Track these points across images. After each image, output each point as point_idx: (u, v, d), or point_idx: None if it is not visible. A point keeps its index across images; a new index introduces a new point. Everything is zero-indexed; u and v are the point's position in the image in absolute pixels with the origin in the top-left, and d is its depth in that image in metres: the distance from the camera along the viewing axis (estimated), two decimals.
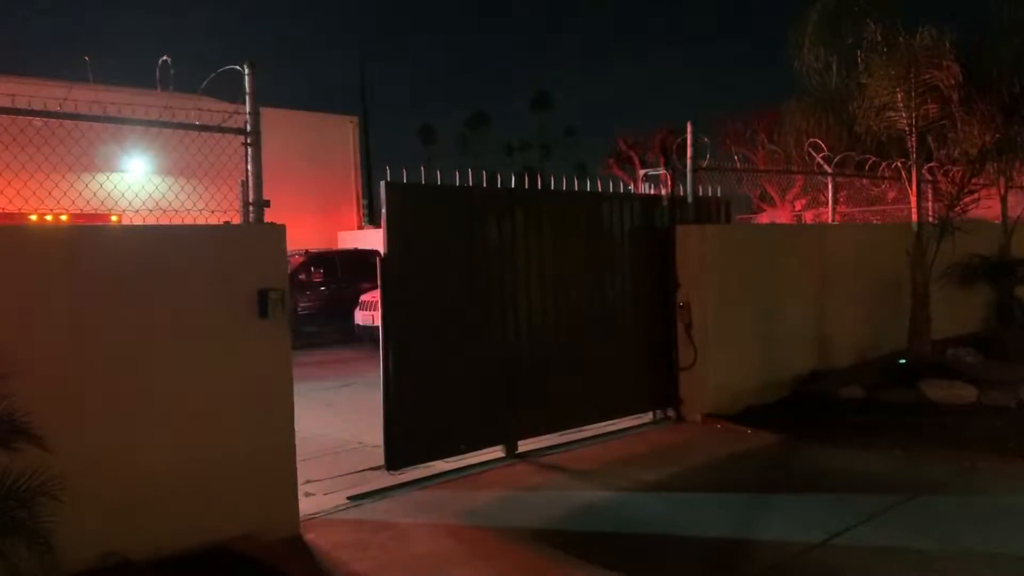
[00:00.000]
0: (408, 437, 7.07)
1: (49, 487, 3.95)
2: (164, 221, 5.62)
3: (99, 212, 5.86)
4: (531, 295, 8.04)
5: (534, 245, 8.07)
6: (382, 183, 6.94)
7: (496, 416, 7.71)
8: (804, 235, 11.14)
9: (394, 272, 7.02)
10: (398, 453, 7.04)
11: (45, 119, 5.05)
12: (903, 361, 10.23)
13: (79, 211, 5.53)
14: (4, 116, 4.82)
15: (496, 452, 7.76)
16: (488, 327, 7.71)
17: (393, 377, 6.99)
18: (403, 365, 7.05)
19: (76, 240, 5.20)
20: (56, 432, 4.17)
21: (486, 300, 7.69)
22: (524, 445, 7.94)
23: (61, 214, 10.83)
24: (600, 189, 8.93)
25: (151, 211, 5.79)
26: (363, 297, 17.32)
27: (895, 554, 5.27)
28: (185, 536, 5.22)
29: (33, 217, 10.58)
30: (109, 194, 5.89)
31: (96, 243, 5.24)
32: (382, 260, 7.00)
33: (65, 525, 4.04)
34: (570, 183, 8.50)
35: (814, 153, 11.21)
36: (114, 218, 12.11)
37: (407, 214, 7.11)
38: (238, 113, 5.77)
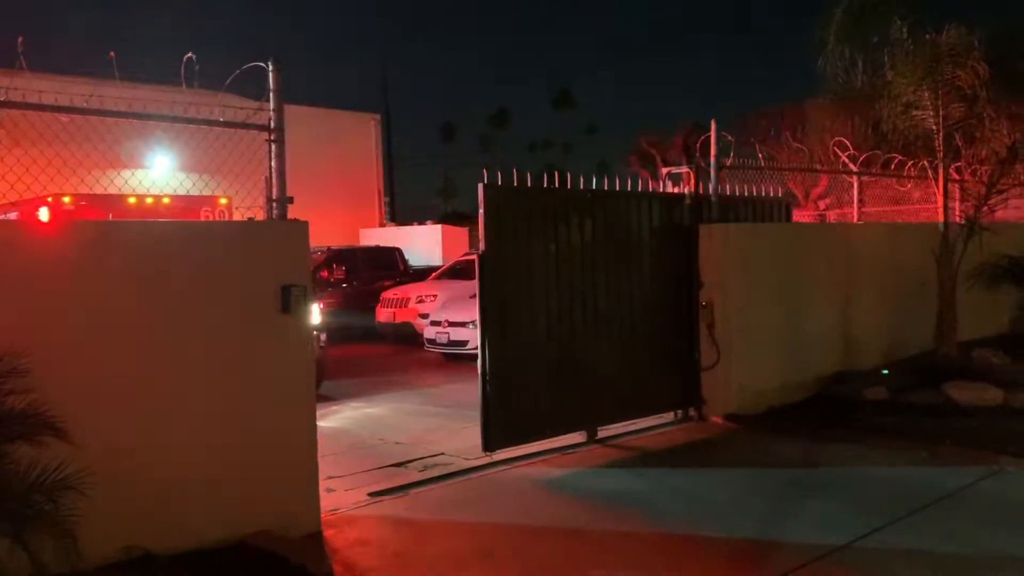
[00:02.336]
0: (502, 421, 7.49)
1: (74, 480, 3.98)
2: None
3: (208, 195, 5.88)
4: (606, 290, 8.44)
5: (603, 243, 8.43)
6: (479, 185, 7.38)
7: (576, 404, 8.10)
8: (829, 235, 11.04)
9: (491, 268, 7.48)
10: (493, 436, 7.47)
11: (71, 115, 5.10)
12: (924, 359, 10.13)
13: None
14: (32, 112, 4.86)
15: (577, 437, 8.19)
16: (570, 320, 8.12)
17: (490, 366, 7.41)
18: (498, 354, 7.46)
19: (100, 236, 5.24)
20: (81, 426, 4.20)
21: (569, 295, 8.11)
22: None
23: (164, 197, 10.94)
24: (647, 189, 9.07)
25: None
26: (384, 294, 17.37)
27: (920, 557, 5.20)
28: (207, 530, 5.25)
29: (132, 199, 10.73)
30: (134, 189, 5.92)
31: (120, 239, 5.28)
32: (480, 256, 7.47)
33: (89, 518, 4.07)
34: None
35: (839, 152, 11.09)
36: (223, 200, 12.23)
37: (501, 213, 7.55)
38: (262, 110, 5.80)
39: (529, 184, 7.82)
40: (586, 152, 67.55)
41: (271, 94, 5.79)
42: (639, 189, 8.96)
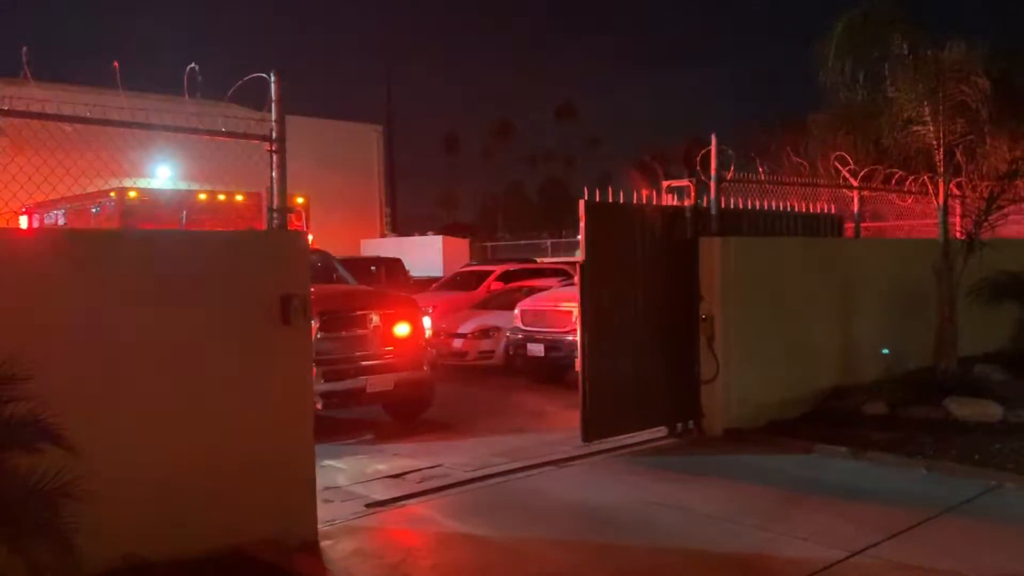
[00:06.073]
0: (596, 416, 8.29)
1: (72, 488, 3.98)
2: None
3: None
4: (672, 300, 9.02)
5: (662, 253, 9.01)
6: (580, 202, 8.27)
7: (671, 398, 8.88)
8: (828, 249, 11.06)
9: (589, 277, 8.30)
10: (590, 428, 8.28)
11: (75, 125, 5.12)
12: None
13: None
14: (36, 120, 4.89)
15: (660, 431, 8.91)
16: (656, 325, 8.84)
17: (588, 366, 8.21)
18: (595, 358, 8.25)
19: (101, 244, 5.26)
20: (79, 434, 4.19)
21: (655, 302, 8.83)
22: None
23: (236, 194, 10.80)
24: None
25: None
26: None
27: (917, 573, 5.19)
28: (204, 539, 5.24)
29: (203, 196, 10.55)
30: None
31: (122, 248, 5.30)
32: (580, 266, 8.32)
33: (87, 526, 4.06)
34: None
35: (840, 167, 11.11)
36: (299, 199, 12.06)
37: (598, 228, 8.37)
38: (264, 120, 5.82)
39: (622, 200, 8.77)
40: (588, 165, 67.59)
41: (273, 104, 5.81)
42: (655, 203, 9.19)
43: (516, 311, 13.23)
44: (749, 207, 9.86)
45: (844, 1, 10.27)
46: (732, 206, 9.67)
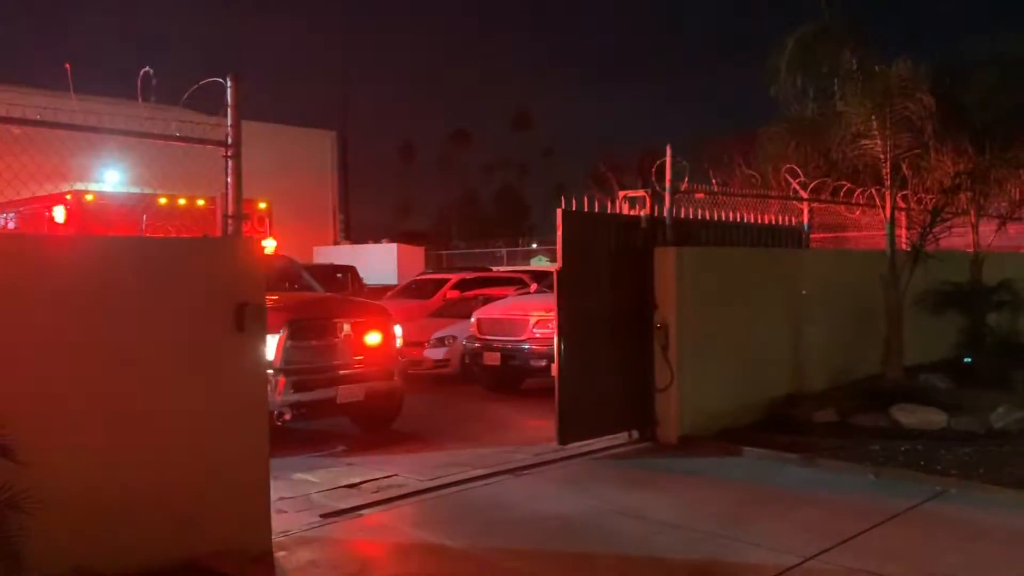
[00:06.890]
0: (572, 420, 8.53)
1: (21, 500, 3.88)
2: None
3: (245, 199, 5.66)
4: (635, 308, 9.13)
5: (626, 261, 9.18)
6: (558, 210, 8.47)
7: (629, 405, 9.03)
8: (780, 260, 11.26)
9: (567, 284, 8.53)
10: (566, 432, 8.53)
11: (24, 127, 5.01)
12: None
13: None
14: None
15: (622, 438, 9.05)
16: (621, 332, 8.99)
17: (564, 372, 8.45)
18: (570, 362, 8.48)
19: (50, 250, 5.14)
20: (27, 445, 4.10)
21: (621, 310, 9.01)
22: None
23: (198, 199, 10.54)
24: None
25: None
26: None
27: None
28: (156, 552, 5.14)
29: (163, 200, 10.31)
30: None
31: (72, 253, 5.18)
32: (558, 273, 8.53)
33: (35, 540, 3.97)
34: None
35: (790, 179, 11.32)
36: (262, 205, 11.80)
37: (574, 236, 8.59)
38: (220, 125, 5.74)
39: (596, 210, 8.98)
40: (543, 174, 67.76)
41: (229, 109, 5.72)
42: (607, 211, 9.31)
43: (472, 320, 13.22)
44: (706, 218, 10.01)
45: (797, 17, 10.53)
46: (693, 216, 9.82)
